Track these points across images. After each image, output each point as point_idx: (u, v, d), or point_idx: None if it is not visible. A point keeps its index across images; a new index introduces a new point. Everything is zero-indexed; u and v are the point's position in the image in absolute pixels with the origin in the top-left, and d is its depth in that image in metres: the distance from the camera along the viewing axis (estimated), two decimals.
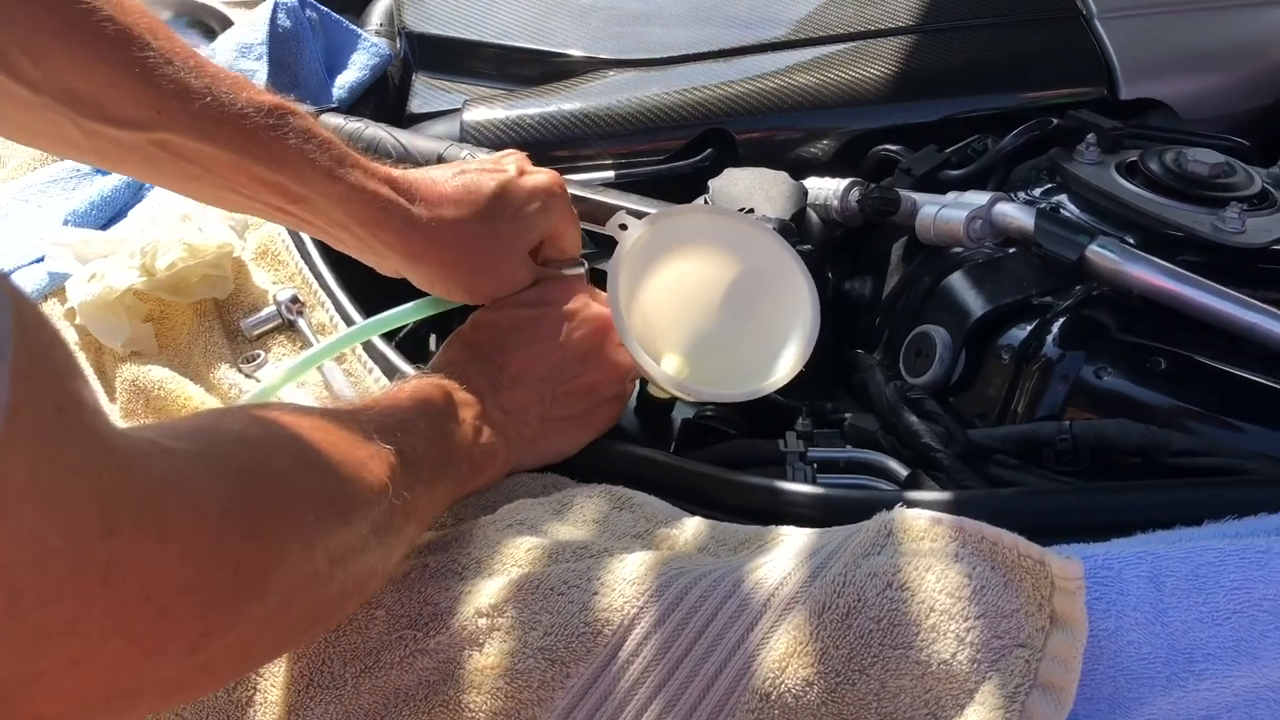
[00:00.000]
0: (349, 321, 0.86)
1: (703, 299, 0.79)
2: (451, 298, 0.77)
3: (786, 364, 0.74)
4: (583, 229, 0.89)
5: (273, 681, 0.60)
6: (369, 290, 0.89)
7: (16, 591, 0.34)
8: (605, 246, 0.80)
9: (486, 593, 0.60)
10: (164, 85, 0.62)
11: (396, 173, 0.72)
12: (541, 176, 0.77)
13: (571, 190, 0.87)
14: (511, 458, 0.71)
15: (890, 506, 0.59)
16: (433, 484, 0.63)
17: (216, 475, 0.44)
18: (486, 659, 0.58)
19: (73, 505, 0.35)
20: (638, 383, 0.85)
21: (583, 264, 0.80)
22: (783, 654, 0.55)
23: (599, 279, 0.76)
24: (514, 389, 0.72)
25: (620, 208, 0.81)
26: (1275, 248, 0.81)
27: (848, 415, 0.84)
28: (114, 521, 0.36)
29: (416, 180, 0.73)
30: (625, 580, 0.59)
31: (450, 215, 0.72)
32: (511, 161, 0.78)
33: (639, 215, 0.77)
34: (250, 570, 0.45)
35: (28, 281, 0.91)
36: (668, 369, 0.78)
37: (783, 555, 0.59)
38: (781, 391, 0.84)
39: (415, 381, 0.68)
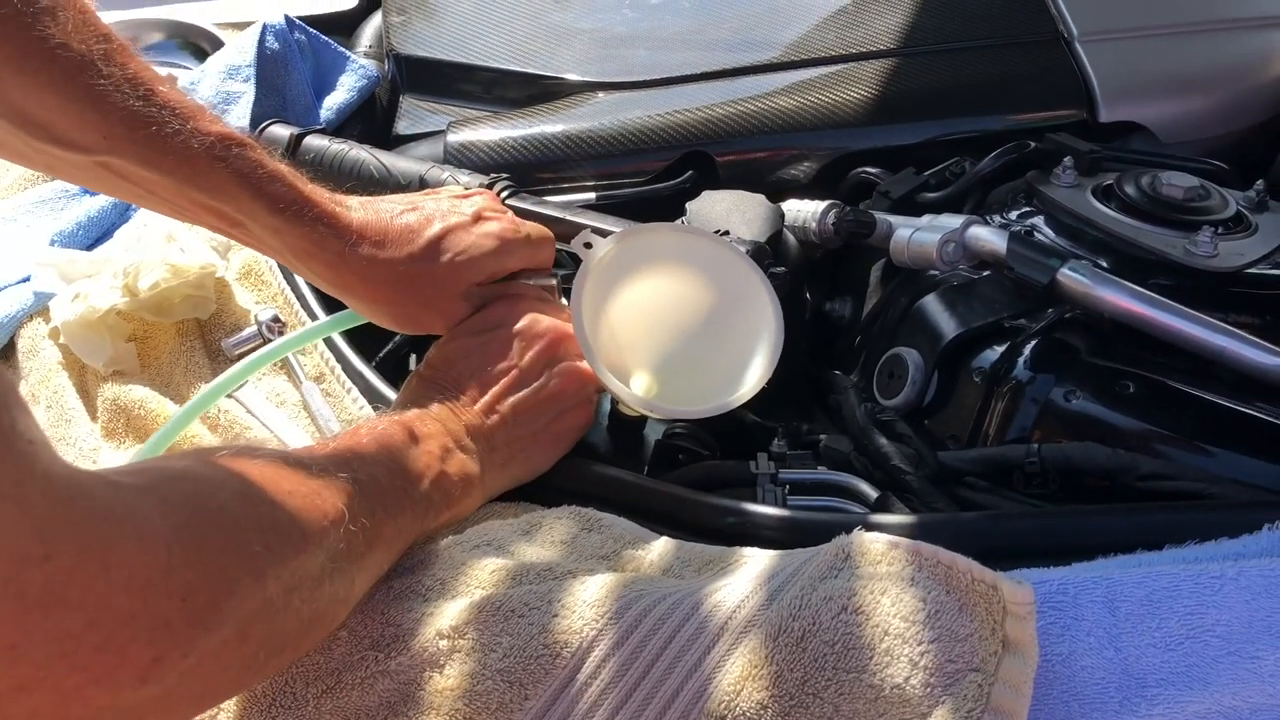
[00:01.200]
0: (329, 341, 0.87)
1: (668, 316, 0.79)
2: (386, 327, 0.79)
3: (751, 379, 0.75)
4: (557, 249, 0.90)
5: (236, 701, 0.60)
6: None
7: None
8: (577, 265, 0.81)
9: (448, 614, 0.60)
10: (112, 114, 0.64)
11: (341, 210, 0.74)
12: (495, 224, 0.78)
13: (545, 211, 0.88)
14: (486, 482, 0.72)
15: (850, 530, 0.60)
16: (396, 512, 0.63)
17: (161, 507, 0.45)
18: (446, 680, 0.58)
19: (5, 531, 0.35)
20: (608, 400, 0.85)
21: (553, 275, 0.81)
22: (738, 677, 0.55)
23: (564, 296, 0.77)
24: (476, 415, 0.72)
25: (587, 227, 0.82)
26: (1247, 271, 0.81)
27: (823, 436, 0.84)
28: (52, 548, 0.37)
29: (361, 219, 0.74)
30: (585, 603, 0.59)
31: (384, 255, 0.74)
32: (472, 204, 0.79)
33: (605, 234, 0.78)
34: (199, 599, 0.45)
35: (13, 301, 0.92)
36: (636, 386, 0.78)
37: (742, 578, 0.60)
38: (759, 412, 0.85)
39: (374, 422, 0.69)
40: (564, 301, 0.82)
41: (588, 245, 0.77)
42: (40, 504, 0.37)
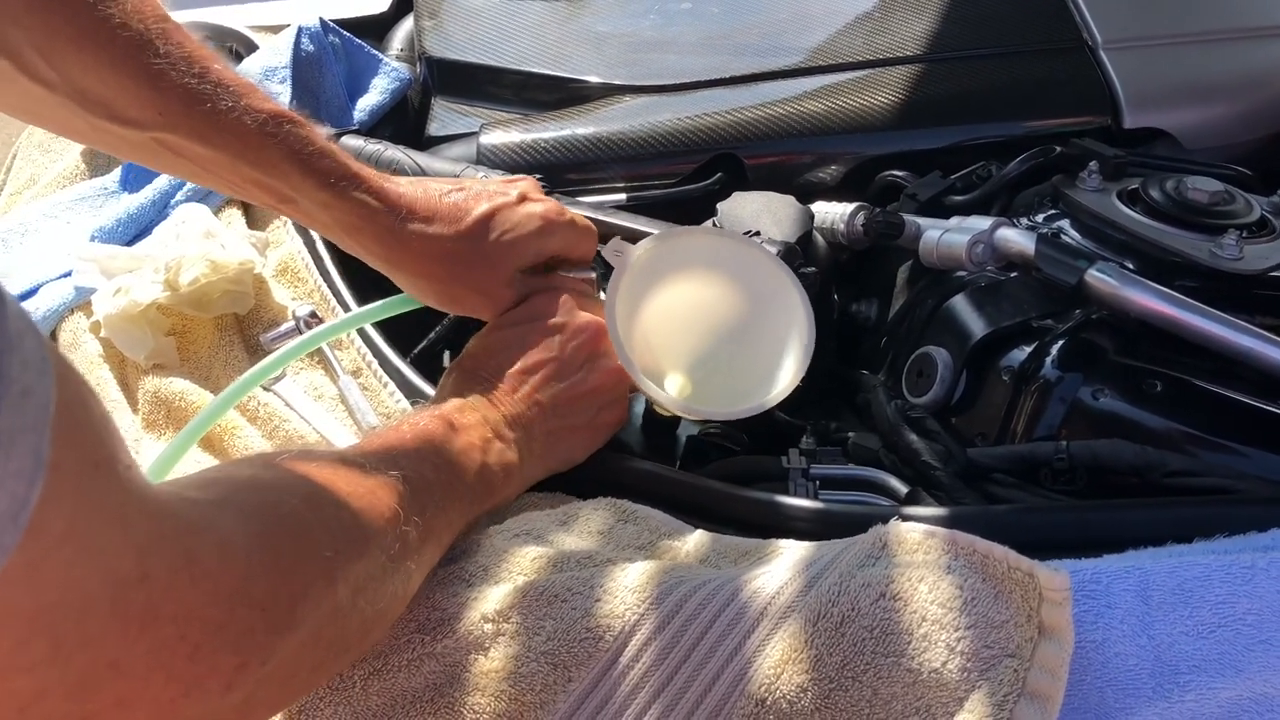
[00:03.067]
0: (365, 337, 0.89)
1: (701, 318, 0.80)
2: (431, 305, 0.80)
3: (783, 380, 0.76)
4: None
5: None
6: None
7: (59, 636, 0.36)
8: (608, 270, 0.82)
9: (492, 599, 0.62)
10: (168, 91, 0.66)
11: (390, 186, 0.75)
12: (539, 205, 0.79)
13: (580, 213, 0.90)
14: (525, 471, 0.73)
15: (886, 521, 0.61)
16: (446, 506, 0.64)
17: (239, 519, 0.47)
18: (491, 663, 0.60)
19: (110, 554, 0.37)
20: (642, 400, 0.87)
21: (591, 270, 0.82)
22: (778, 660, 0.56)
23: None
24: (515, 406, 0.73)
25: (620, 229, 0.83)
26: (1272, 274, 0.83)
27: (851, 434, 0.85)
28: (148, 567, 0.39)
29: (410, 194, 0.76)
30: (626, 588, 0.60)
31: (434, 230, 0.75)
32: (516, 187, 0.81)
33: (639, 237, 0.80)
34: (278, 606, 0.47)
35: (55, 295, 0.94)
36: (670, 388, 0.80)
37: (780, 566, 0.61)
38: (787, 411, 0.86)
39: (414, 417, 0.70)
40: (602, 295, 0.83)
41: (618, 253, 0.79)
42: (140, 526, 0.38)
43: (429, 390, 0.83)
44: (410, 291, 0.80)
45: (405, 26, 1.29)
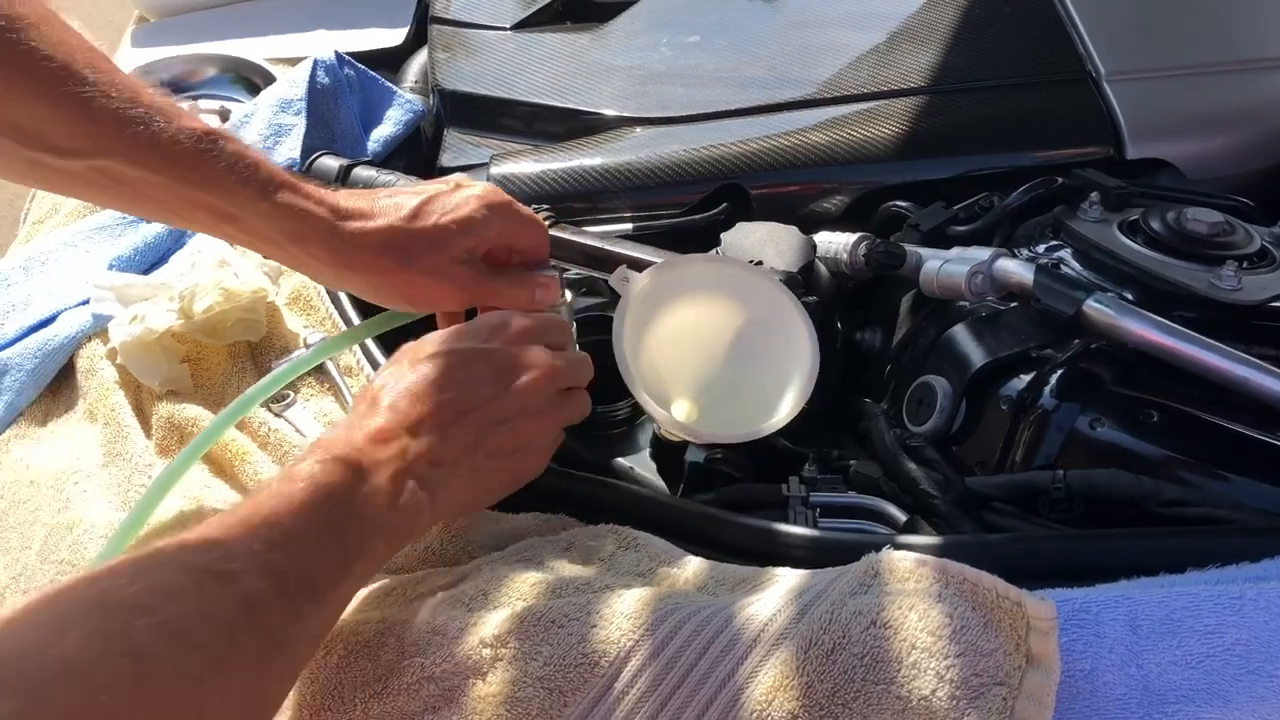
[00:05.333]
0: (375, 364, 0.90)
1: (707, 344, 0.82)
2: (389, 305, 0.80)
3: (786, 406, 0.77)
4: (595, 277, 0.93)
5: (286, 706, 0.63)
6: (395, 334, 0.93)
7: None
8: (616, 295, 0.83)
9: (491, 624, 0.63)
10: (100, 115, 0.67)
11: (328, 193, 0.75)
12: (475, 188, 0.79)
13: (585, 240, 0.91)
14: (438, 512, 0.68)
15: (879, 549, 0.62)
16: (340, 583, 0.60)
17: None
18: (489, 687, 0.60)
19: None
20: (649, 429, 0.88)
21: (554, 271, 0.82)
22: (769, 687, 0.57)
23: (607, 326, 0.80)
24: (446, 440, 0.68)
25: (627, 258, 0.84)
26: (1271, 305, 0.83)
27: (853, 461, 0.86)
28: None
29: (347, 198, 0.76)
30: (622, 615, 0.61)
31: (375, 225, 0.75)
32: (452, 179, 0.81)
33: (646, 265, 0.81)
34: None
35: (73, 322, 0.96)
36: (677, 413, 0.81)
37: (774, 594, 0.62)
38: (790, 438, 0.87)
39: (315, 466, 0.62)
40: (567, 295, 0.84)
41: (624, 280, 0.80)
42: None
43: None
44: (367, 295, 0.79)
45: (419, 59, 1.32)
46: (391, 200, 0.77)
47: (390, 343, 0.90)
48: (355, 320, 0.94)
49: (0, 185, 2.92)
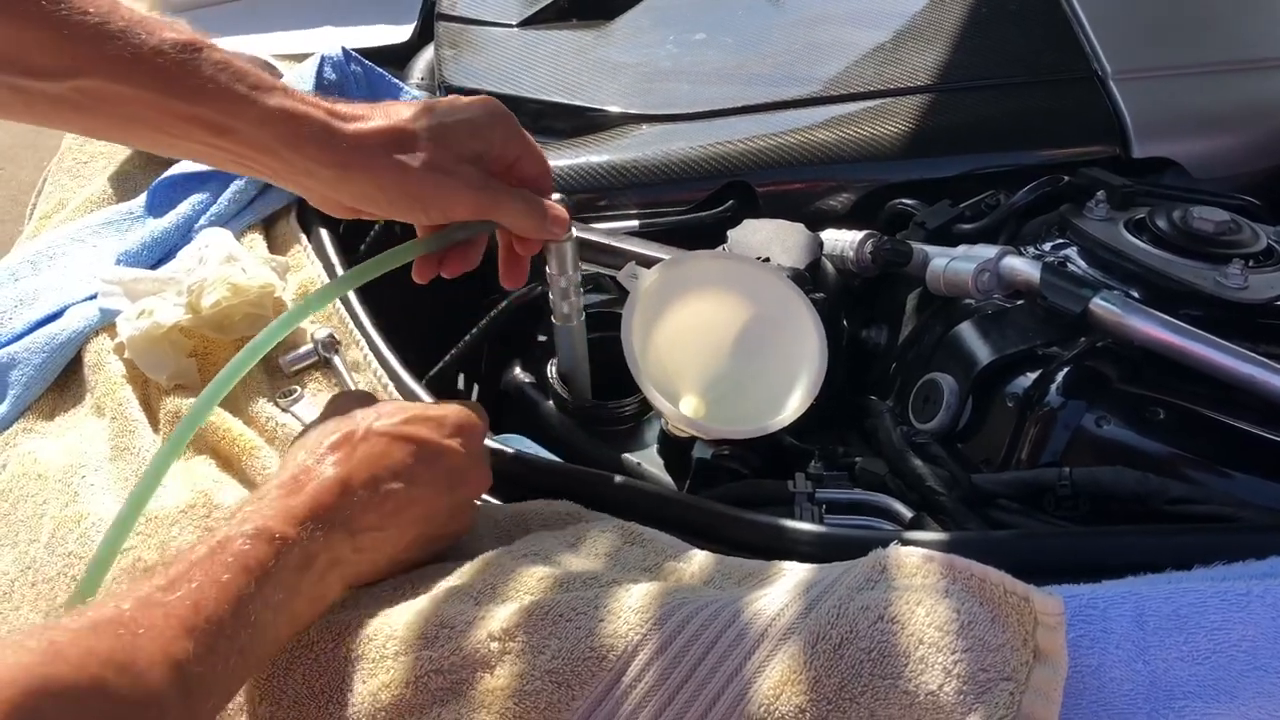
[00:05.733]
0: (382, 359, 0.90)
1: (715, 340, 0.82)
2: (395, 212, 0.74)
3: (794, 402, 0.77)
4: (603, 274, 0.93)
5: (293, 696, 0.63)
6: (402, 330, 0.93)
7: None
8: (624, 292, 0.84)
9: (499, 617, 0.63)
10: (78, 33, 0.65)
11: (323, 99, 0.72)
12: (474, 99, 0.76)
13: (592, 237, 0.91)
14: (351, 575, 0.67)
15: (886, 545, 0.62)
16: (253, 642, 0.58)
17: None
18: (497, 680, 0.61)
19: None
20: (657, 425, 0.88)
21: (565, 200, 0.81)
22: (777, 681, 0.57)
23: (615, 322, 0.80)
24: (379, 531, 0.66)
25: (635, 255, 0.85)
26: (1277, 303, 0.83)
27: (859, 459, 0.86)
28: None
29: (343, 105, 0.73)
30: (630, 609, 0.62)
31: (374, 125, 0.72)
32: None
33: (653, 262, 0.81)
34: None
35: (81, 317, 0.96)
36: (685, 408, 0.81)
37: (781, 588, 0.62)
38: (796, 435, 0.87)
39: (244, 545, 0.59)
40: (574, 231, 0.80)
41: (633, 277, 0.80)
42: None
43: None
44: (371, 202, 0.74)
45: (426, 56, 1.32)
46: (390, 106, 0.74)
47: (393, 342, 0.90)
48: (363, 317, 0.94)
49: (5, 181, 2.94)
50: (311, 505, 0.63)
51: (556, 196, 0.79)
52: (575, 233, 0.82)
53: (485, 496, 0.78)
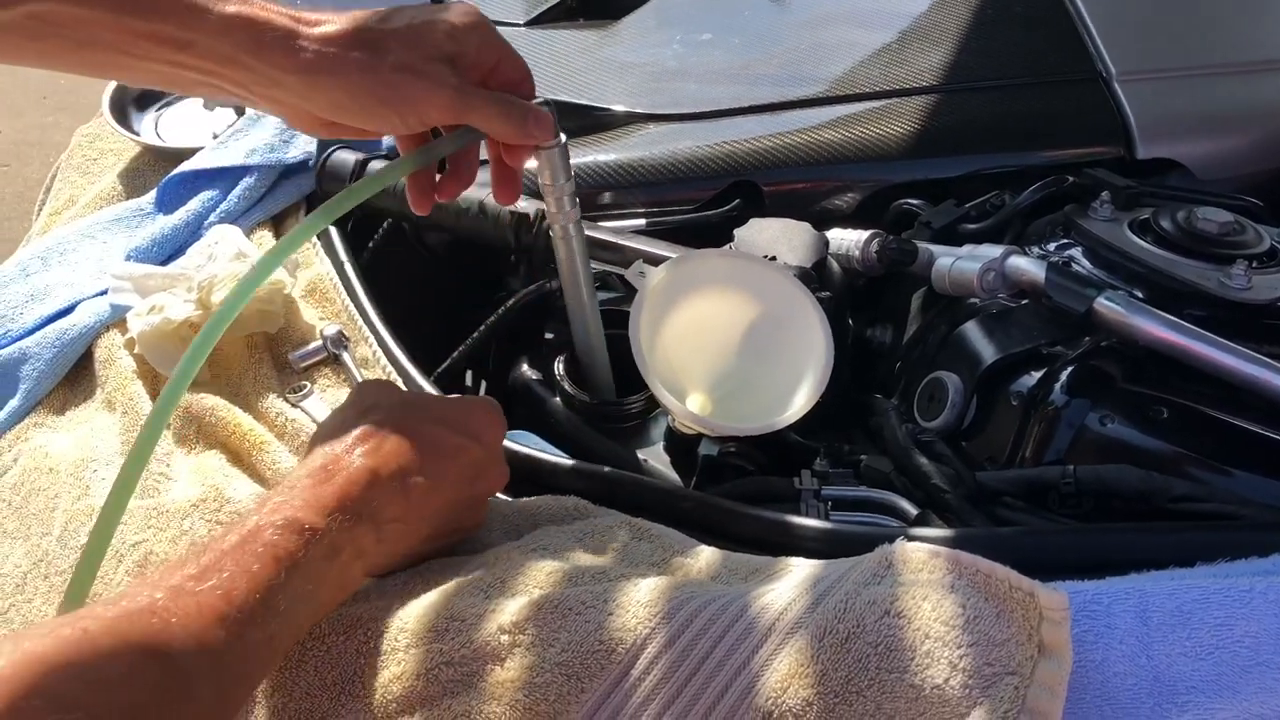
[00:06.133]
0: (390, 356, 0.91)
1: (722, 339, 0.83)
2: (369, 120, 0.70)
3: (800, 400, 0.78)
4: (611, 272, 0.93)
5: (305, 688, 0.64)
6: (411, 327, 0.94)
7: None
8: (632, 290, 0.84)
9: (509, 611, 0.64)
10: None
11: (284, 6, 0.69)
12: (452, 4, 0.73)
13: (599, 235, 0.92)
14: (366, 572, 0.67)
15: (892, 540, 0.63)
16: (283, 625, 0.59)
17: None
18: (507, 673, 0.61)
19: None
20: (664, 422, 0.89)
21: (549, 108, 0.75)
22: (785, 675, 0.58)
23: (622, 320, 0.80)
24: (402, 523, 0.67)
25: (642, 253, 0.85)
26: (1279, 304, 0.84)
27: (864, 457, 0.87)
28: None
29: (308, 11, 0.70)
30: (639, 603, 0.62)
31: (338, 29, 0.69)
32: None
33: (661, 260, 0.82)
34: None
35: (91, 312, 0.97)
36: (692, 406, 0.82)
37: (788, 583, 0.63)
38: (801, 432, 0.88)
39: (274, 536, 0.60)
40: (562, 137, 0.77)
41: (641, 274, 0.81)
42: None
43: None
44: (340, 110, 0.70)
45: None
46: (357, 12, 0.70)
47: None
48: (371, 313, 0.95)
49: (11, 178, 2.94)
50: (340, 496, 0.63)
51: (539, 101, 0.75)
52: (564, 139, 0.78)
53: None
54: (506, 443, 0.81)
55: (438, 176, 0.79)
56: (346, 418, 0.70)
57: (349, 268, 0.98)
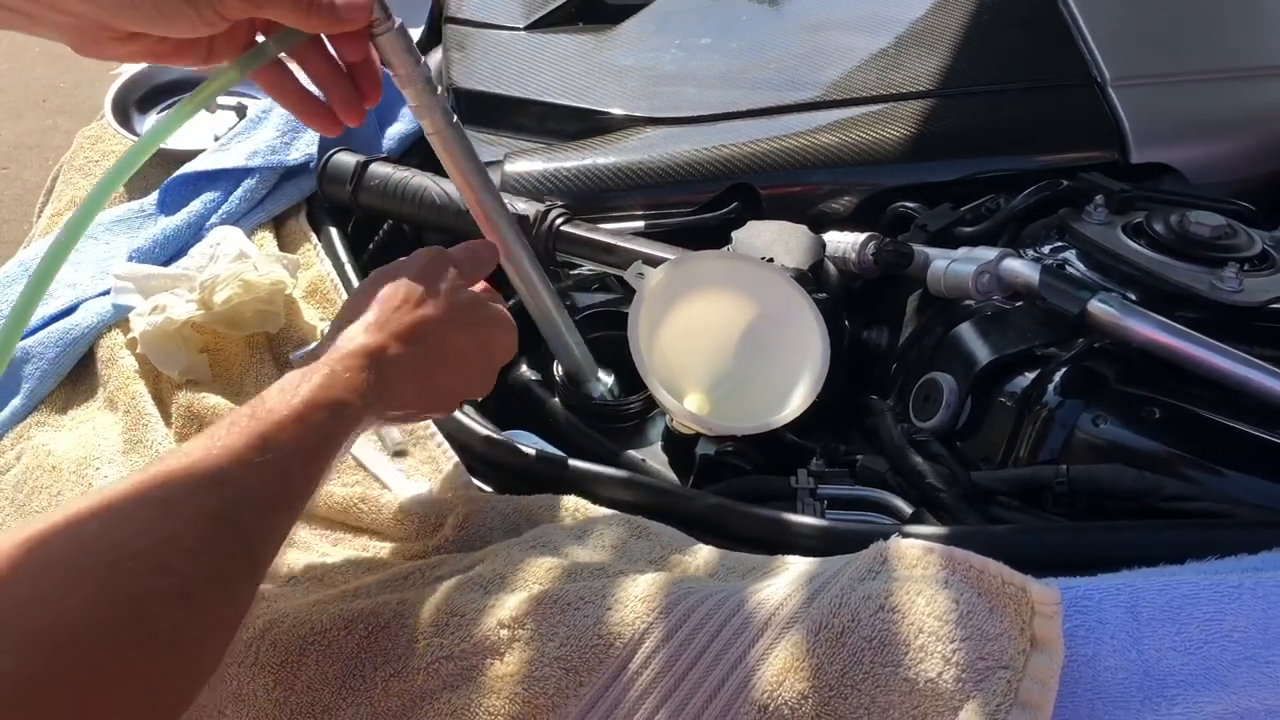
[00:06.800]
0: None
1: (720, 339, 0.83)
2: (163, 22, 0.63)
3: (797, 400, 0.79)
4: (609, 274, 0.94)
5: (307, 682, 0.64)
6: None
7: None
8: (631, 291, 0.85)
9: (508, 606, 0.64)
10: None
11: None
12: None
13: (598, 237, 0.93)
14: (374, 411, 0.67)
15: (887, 538, 0.64)
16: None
17: None
18: (506, 667, 0.62)
19: None
20: (661, 422, 0.90)
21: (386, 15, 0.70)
22: (780, 669, 0.59)
23: (621, 321, 0.81)
24: (406, 405, 0.70)
25: (640, 255, 0.86)
26: (1271, 306, 0.85)
27: (860, 456, 0.87)
28: None
29: None
30: (637, 598, 0.63)
31: None
32: None
33: (659, 262, 0.83)
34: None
35: (93, 312, 0.98)
36: (689, 406, 0.83)
37: (784, 579, 0.64)
38: (798, 432, 0.89)
39: (324, 416, 0.62)
40: (396, 20, 0.71)
41: (640, 275, 0.82)
42: None
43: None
44: (129, 6, 0.62)
45: (433, 58, 1.33)
46: None
47: None
48: None
49: (10, 181, 2.95)
50: (370, 383, 0.65)
51: None
52: (398, 21, 0.71)
53: (492, 490, 0.80)
54: (507, 442, 0.82)
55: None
56: (386, 300, 0.70)
57: (350, 268, 0.99)
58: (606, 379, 0.92)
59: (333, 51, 0.71)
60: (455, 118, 0.77)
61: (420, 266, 0.73)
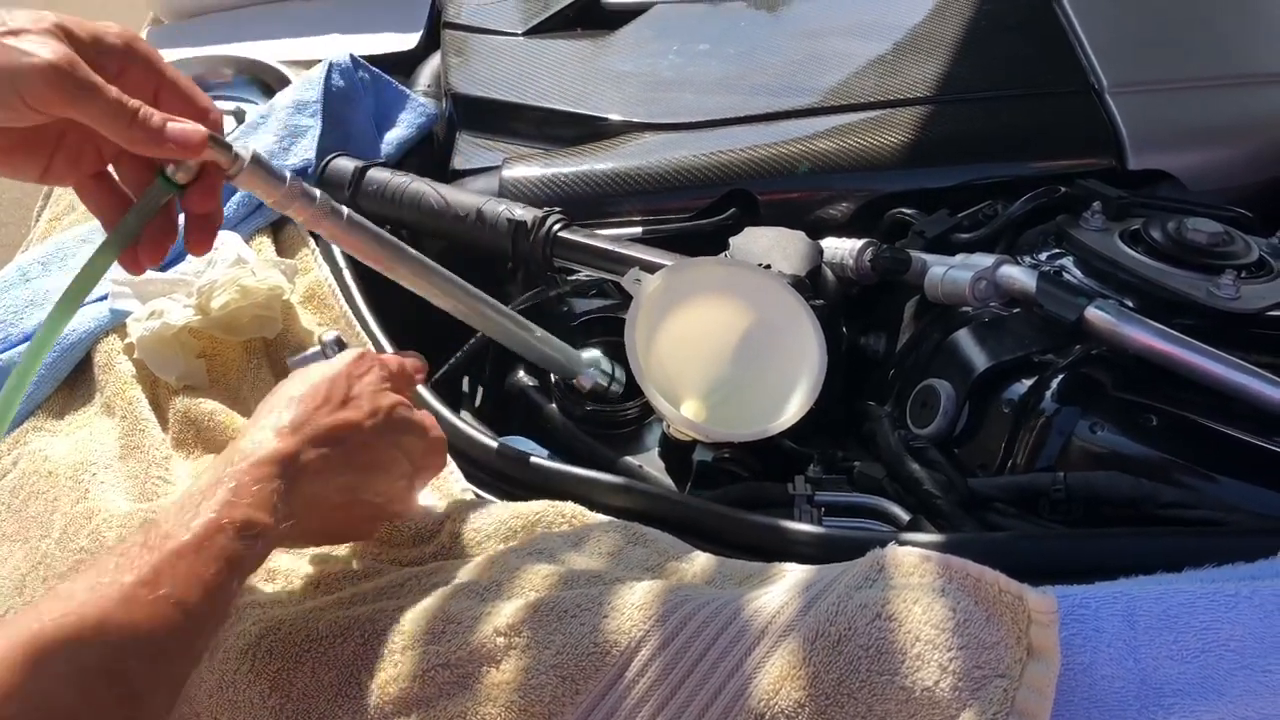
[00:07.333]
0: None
1: (717, 345, 0.83)
2: None
3: (794, 407, 0.79)
4: (606, 280, 0.94)
5: (302, 690, 0.64)
6: (409, 333, 0.95)
7: None
8: (628, 297, 0.85)
9: (505, 614, 0.64)
10: None
11: None
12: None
13: (596, 243, 0.93)
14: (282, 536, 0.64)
15: (884, 545, 0.64)
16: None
17: None
18: (502, 675, 0.62)
19: None
20: (658, 429, 0.90)
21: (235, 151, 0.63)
22: (777, 677, 0.59)
23: (618, 327, 0.81)
24: (325, 519, 0.68)
25: (638, 260, 0.86)
26: (1269, 313, 0.85)
27: (857, 463, 0.87)
28: None
29: None
30: (633, 606, 0.63)
31: None
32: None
33: (656, 268, 0.83)
34: None
35: (91, 317, 0.98)
36: (686, 412, 0.82)
37: (781, 587, 0.64)
38: (795, 439, 0.89)
39: (228, 539, 0.58)
40: (243, 153, 0.64)
41: (637, 281, 0.82)
42: None
43: (446, 413, 0.85)
44: None
45: (432, 63, 1.34)
46: None
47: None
48: (369, 319, 0.95)
49: (8, 184, 2.95)
50: (282, 493, 0.62)
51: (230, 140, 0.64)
52: (248, 155, 0.64)
53: (490, 497, 0.80)
54: (504, 447, 0.82)
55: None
56: (302, 406, 0.66)
57: (347, 274, 0.99)
58: (593, 357, 0.91)
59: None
60: (347, 212, 0.73)
61: (346, 366, 0.70)
